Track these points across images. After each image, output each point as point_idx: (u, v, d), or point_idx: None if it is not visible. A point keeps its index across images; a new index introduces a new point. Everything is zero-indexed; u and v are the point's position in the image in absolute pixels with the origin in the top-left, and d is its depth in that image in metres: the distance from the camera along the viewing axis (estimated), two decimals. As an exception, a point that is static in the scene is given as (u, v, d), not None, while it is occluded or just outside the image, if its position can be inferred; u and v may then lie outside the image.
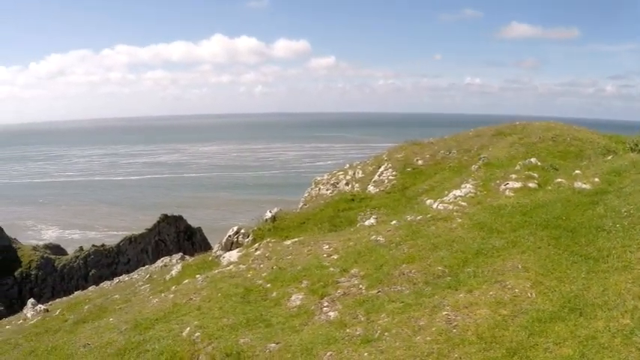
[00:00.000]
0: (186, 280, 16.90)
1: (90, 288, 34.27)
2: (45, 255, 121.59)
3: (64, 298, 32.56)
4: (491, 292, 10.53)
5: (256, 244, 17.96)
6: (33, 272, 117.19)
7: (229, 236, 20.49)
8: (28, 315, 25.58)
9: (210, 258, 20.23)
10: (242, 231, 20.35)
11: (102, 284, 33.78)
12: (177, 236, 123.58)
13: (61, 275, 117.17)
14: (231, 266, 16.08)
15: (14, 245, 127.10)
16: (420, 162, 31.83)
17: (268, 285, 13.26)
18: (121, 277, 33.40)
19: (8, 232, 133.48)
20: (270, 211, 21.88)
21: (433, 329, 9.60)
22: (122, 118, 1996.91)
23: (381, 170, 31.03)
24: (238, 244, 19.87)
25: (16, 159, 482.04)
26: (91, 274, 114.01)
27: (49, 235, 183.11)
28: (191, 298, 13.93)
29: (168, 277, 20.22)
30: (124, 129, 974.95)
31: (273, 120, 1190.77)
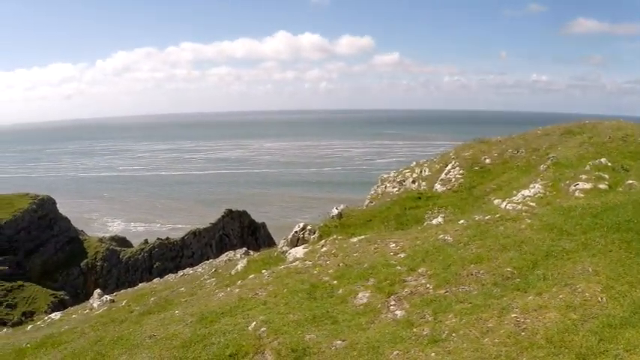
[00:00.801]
0: (252, 275, 16.93)
1: (154, 280, 34.69)
2: (111, 247, 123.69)
3: (129, 290, 33.03)
4: (560, 296, 10.32)
5: (322, 241, 17.93)
6: (98, 263, 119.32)
7: (295, 232, 20.48)
8: (95, 305, 25.98)
9: (275, 253, 20.29)
10: (308, 227, 20.32)
11: (166, 277, 34.19)
12: (241, 231, 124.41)
13: (125, 267, 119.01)
14: (297, 262, 16.07)
15: (81, 237, 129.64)
16: (487, 161, 31.46)
17: (335, 282, 13.20)
18: (185, 271, 33.74)
19: (75, 224, 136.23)
20: (336, 208, 21.82)
21: (501, 332, 9.43)
22: (187, 113, 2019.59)
23: (448, 168, 30.77)
24: (304, 241, 19.85)
25: (84, 153, 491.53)
26: (155, 266, 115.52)
27: (115, 227, 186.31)
28: (257, 293, 13.96)
29: (233, 271, 20.33)
30: (189, 125, 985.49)
31: (337, 117, 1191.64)
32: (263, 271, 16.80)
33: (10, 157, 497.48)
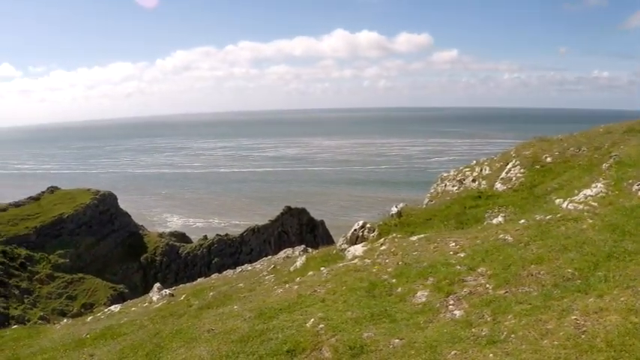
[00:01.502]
0: (311, 272, 17.01)
1: (213, 276, 35.00)
2: (170, 242, 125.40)
3: (188, 284, 33.40)
4: (622, 298, 10.13)
5: (382, 239, 17.90)
6: (158, 258, 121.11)
7: (355, 230, 20.49)
8: (154, 298, 26.34)
9: (334, 251, 20.33)
10: (368, 225, 20.31)
11: (225, 272, 34.43)
12: (300, 228, 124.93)
13: (184, 262, 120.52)
14: (356, 260, 16.08)
15: (141, 232, 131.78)
16: (548, 159, 31.03)
17: (393, 280, 13.17)
18: (243, 267, 33.99)
19: (136, 220, 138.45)
20: (396, 206, 21.79)
21: (561, 334, 9.30)
22: (247, 111, 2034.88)
23: (508, 167, 30.46)
24: (363, 239, 19.86)
25: (144, 150, 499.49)
26: (214, 262, 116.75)
27: (175, 223, 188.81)
28: (315, 290, 14.02)
29: (292, 268, 20.43)
30: (249, 122, 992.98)
31: (396, 115, 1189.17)
32: (322, 268, 16.83)
33: (73, 154, 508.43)
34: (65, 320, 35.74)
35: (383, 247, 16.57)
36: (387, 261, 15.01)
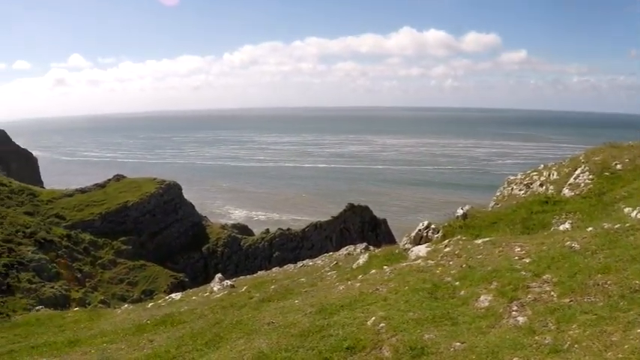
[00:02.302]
0: (373, 271, 16.96)
1: (273, 269, 35.22)
2: (232, 234, 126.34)
3: (248, 277, 33.67)
4: (692, 313, 9.93)
5: (446, 241, 17.78)
6: (219, 249, 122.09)
7: (419, 230, 20.39)
8: (215, 289, 26.61)
9: (397, 250, 20.26)
10: (432, 226, 20.19)
11: (285, 267, 34.61)
12: (362, 226, 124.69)
13: (245, 254, 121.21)
14: (420, 261, 16.00)
15: (204, 222, 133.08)
16: (618, 166, 30.39)
17: (457, 283, 13.04)
18: (304, 262, 34.09)
19: (199, 210, 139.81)
20: (461, 208, 21.60)
21: (626, 347, 9.07)
22: (313, 107, 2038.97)
23: (577, 173, 29.93)
24: (427, 239, 19.76)
25: (210, 142, 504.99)
26: (274, 255, 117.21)
27: (237, 215, 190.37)
28: (377, 289, 13.98)
29: (355, 265, 20.43)
30: (315, 118, 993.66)
31: (462, 115, 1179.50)
32: (384, 267, 16.79)
33: (140, 144, 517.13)
34: (126, 305, 36.35)
35: (447, 249, 16.46)
36: (450, 263, 14.89)
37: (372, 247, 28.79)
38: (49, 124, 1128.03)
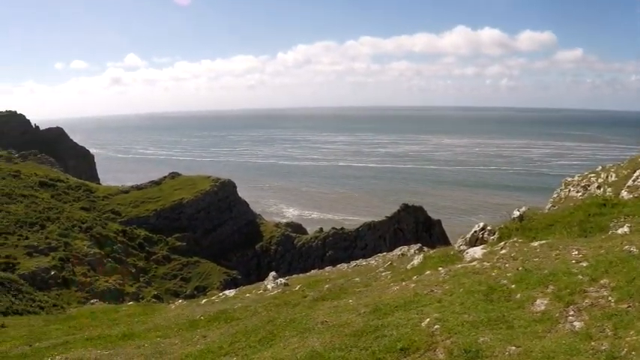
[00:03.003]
0: (428, 272, 16.86)
1: (327, 268, 35.26)
2: (286, 232, 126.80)
3: (301, 275, 33.74)
4: None
5: (502, 243, 17.59)
6: (273, 247, 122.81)
7: (475, 232, 20.23)
8: (269, 286, 26.74)
9: (452, 252, 20.11)
10: (488, 228, 20.01)
11: (339, 266, 34.64)
12: (416, 227, 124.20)
13: (299, 253, 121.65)
14: (475, 262, 15.86)
15: (258, 221, 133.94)
16: (679, 168, 29.76)
17: (512, 286, 12.86)
18: (358, 261, 34.09)
19: (253, 208, 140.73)
20: (518, 210, 21.33)
21: (685, 354, 8.97)
22: (367, 107, 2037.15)
23: (636, 175, 29.34)
24: (483, 241, 19.58)
25: (264, 141, 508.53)
26: (327, 254, 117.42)
27: (290, 213, 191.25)
28: (432, 290, 13.90)
29: (409, 266, 20.35)
30: (369, 118, 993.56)
31: (518, 115, 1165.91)
32: (439, 268, 16.69)
33: (195, 142, 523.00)
34: (180, 301, 36.76)
35: (503, 251, 16.29)
36: (506, 265, 14.73)
37: (425, 248, 28.64)
38: (105, 122, 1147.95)
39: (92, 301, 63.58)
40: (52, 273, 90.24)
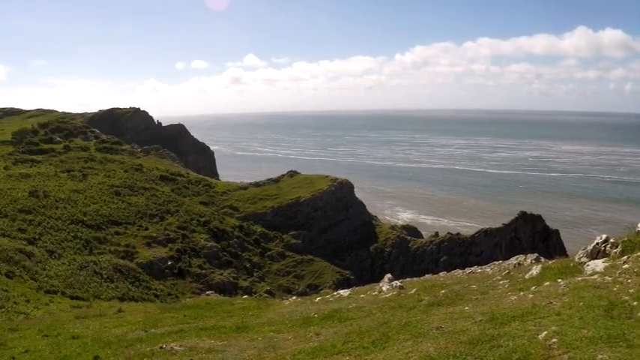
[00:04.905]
0: (547, 283, 16.58)
1: (440, 273, 35.01)
2: (401, 235, 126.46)
3: (415, 279, 33.63)
4: None
5: (625, 257, 17.07)
6: (387, 249, 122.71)
7: (597, 244, 19.70)
8: (384, 288, 26.76)
9: (571, 264, 19.67)
10: (611, 240, 19.45)
11: (453, 272, 34.30)
12: (533, 236, 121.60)
13: (413, 256, 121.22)
14: (596, 276, 15.48)
15: (373, 222, 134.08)
16: None
17: (634, 303, 12.44)
18: (473, 268, 33.67)
19: (370, 210, 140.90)
20: (642, 223, 20.70)
21: None
22: (486, 110, 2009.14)
23: None
24: (605, 254, 19.04)
25: (382, 143, 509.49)
26: (441, 259, 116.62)
27: (405, 216, 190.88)
28: (551, 302, 13.67)
29: (527, 276, 20.02)
30: (489, 121, 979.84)
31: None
32: (558, 280, 16.39)
33: (313, 142, 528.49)
34: (294, 297, 37.25)
35: (626, 266, 15.82)
36: (629, 281, 14.31)
37: (542, 259, 28.07)
38: (225, 119, 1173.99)
39: (207, 292, 65.24)
40: (169, 263, 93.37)
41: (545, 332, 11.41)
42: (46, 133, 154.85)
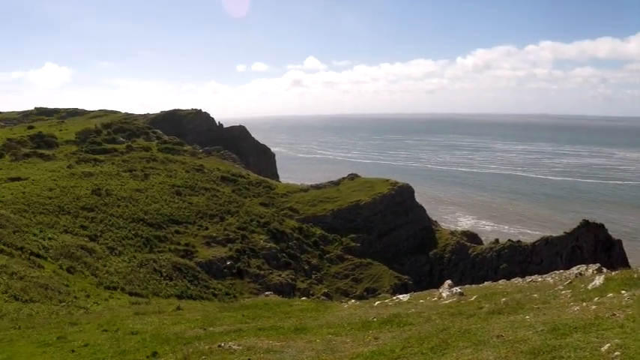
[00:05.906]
0: (610, 294, 16.39)
1: (500, 281, 34.68)
2: (461, 241, 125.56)
3: (474, 286, 33.36)
4: None
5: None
6: (446, 255, 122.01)
7: (662, 257, 19.49)
8: (444, 294, 26.65)
9: (635, 275, 19.41)
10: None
11: (513, 280, 33.97)
12: (595, 245, 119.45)
13: (472, 263, 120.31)
14: (661, 289, 15.33)
15: (433, 227, 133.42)
16: None
17: (701, 317, 12.36)
18: (533, 277, 33.33)
19: (430, 214, 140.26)
20: None
21: None
22: (549, 115, 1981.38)
23: None
24: (670, 267, 18.85)
25: (443, 147, 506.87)
26: (501, 267, 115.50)
27: (465, 222, 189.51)
28: (614, 314, 13.51)
29: (590, 286, 19.81)
30: (552, 126, 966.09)
31: None
32: (622, 291, 16.20)
33: (373, 144, 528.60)
34: (352, 301, 37.23)
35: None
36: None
37: (605, 269, 27.67)
38: (285, 121, 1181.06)
39: (266, 293, 65.57)
40: (228, 263, 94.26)
41: (608, 345, 11.29)
42: (109, 133, 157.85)
